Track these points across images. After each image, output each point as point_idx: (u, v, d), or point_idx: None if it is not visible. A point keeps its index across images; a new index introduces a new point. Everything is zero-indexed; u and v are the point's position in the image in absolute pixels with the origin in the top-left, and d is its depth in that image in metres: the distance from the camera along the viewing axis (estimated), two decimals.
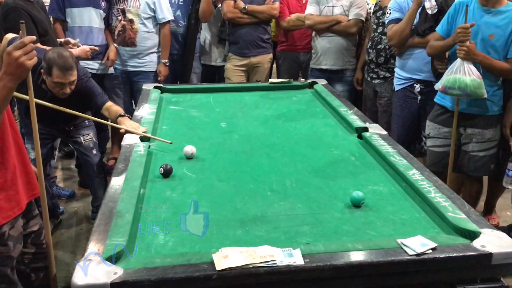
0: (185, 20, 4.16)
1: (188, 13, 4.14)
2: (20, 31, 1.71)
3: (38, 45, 2.95)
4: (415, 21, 3.29)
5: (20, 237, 1.93)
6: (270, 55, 4.29)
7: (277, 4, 4.11)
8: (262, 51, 4.20)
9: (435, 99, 3.02)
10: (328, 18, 3.89)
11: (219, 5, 4.24)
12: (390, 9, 3.51)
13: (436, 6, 3.18)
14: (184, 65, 4.22)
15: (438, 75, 3.18)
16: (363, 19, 3.94)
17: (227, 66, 4.26)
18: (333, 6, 3.89)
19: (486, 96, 2.69)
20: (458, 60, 2.69)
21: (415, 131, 3.59)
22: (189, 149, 2.21)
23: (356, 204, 1.76)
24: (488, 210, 3.46)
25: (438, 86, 2.81)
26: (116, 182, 1.88)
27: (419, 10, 3.27)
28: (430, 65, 3.25)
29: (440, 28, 2.90)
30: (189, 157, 2.20)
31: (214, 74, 4.45)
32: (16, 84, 1.67)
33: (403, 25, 3.33)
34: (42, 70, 2.64)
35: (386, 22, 3.52)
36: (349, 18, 3.88)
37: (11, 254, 1.89)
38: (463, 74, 2.65)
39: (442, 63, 3.03)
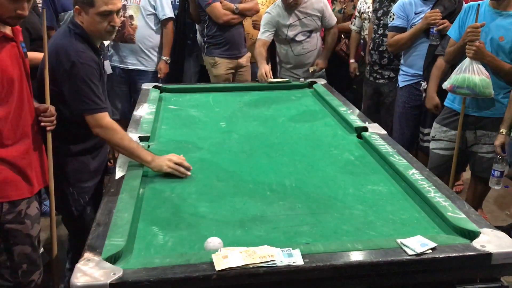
0: None
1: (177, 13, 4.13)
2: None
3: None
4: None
5: (37, 218, 2.00)
6: (249, 53, 4.22)
7: None
8: (246, 50, 4.17)
9: (445, 103, 3.02)
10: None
11: None
12: (393, 14, 3.50)
13: (439, 39, 3.25)
14: (176, 65, 4.22)
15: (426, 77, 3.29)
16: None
17: (218, 72, 4.09)
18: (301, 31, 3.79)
19: (493, 96, 2.69)
20: (467, 60, 2.69)
21: (416, 128, 3.60)
22: None
23: None
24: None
25: (446, 85, 2.81)
26: (115, 182, 1.88)
27: None
28: (424, 68, 3.29)
29: (452, 33, 2.88)
30: None
31: (208, 74, 4.42)
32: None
33: (405, 39, 3.40)
34: (76, 7, 2.10)
35: (388, 26, 3.53)
36: (332, 24, 3.85)
37: (30, 233, 1.95)
38: (472, 73, 2.65)
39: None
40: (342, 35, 4.40)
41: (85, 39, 2.13)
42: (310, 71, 3.81)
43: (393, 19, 3.49)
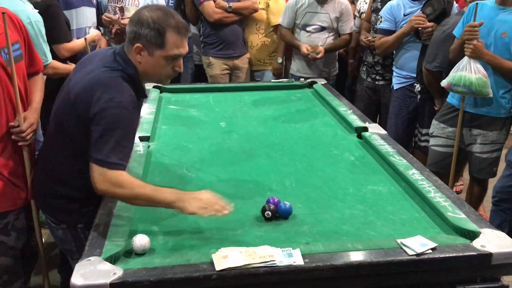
0: None
1: None
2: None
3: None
4: None
5: (24, 230, 1.96)
6: (248, 55, 4.20)
7: None
8: (244, 51, 4.13)
9: (447, 100, 3.03)
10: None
11: None
12: (381, 17, 3.55)
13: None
14: None
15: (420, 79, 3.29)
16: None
17: (213, 72, 4.08)
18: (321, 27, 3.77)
19: (491, 95, 2.70)
20: (465, 58, 2.71)
21: (410, 129, 3.60)
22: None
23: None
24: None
25: (444, 83, 2.83)
26: None
27: None
28: (418, 71, 3.29)
29: (457, 32, 2.89)
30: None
31: (204, 74, 4.40)
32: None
33: (389, 42, 3.45)
34: (138, 45, 1.69)
35: (377, 29, 3.57)
36: (347, 32, 3.82)
37: (15, 245, 1.91)
38: (469, 72, 2.67)
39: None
40: None
41: (134, 80, 1.76)
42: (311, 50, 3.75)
43: (381, 22, 3.55)
